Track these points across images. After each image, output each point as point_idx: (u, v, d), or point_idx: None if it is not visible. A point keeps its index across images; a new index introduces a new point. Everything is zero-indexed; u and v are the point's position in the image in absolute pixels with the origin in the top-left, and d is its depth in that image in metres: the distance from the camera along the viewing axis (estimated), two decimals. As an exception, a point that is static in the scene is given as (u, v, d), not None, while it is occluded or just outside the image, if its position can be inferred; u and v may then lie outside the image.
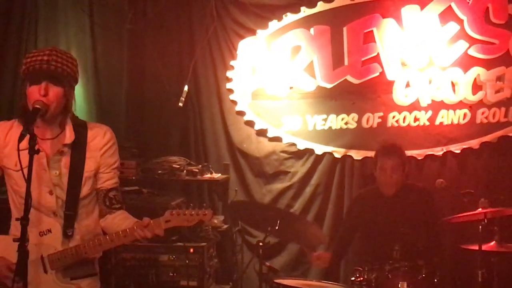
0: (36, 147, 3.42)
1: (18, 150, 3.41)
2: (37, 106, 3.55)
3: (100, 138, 3.83)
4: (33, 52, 3.69)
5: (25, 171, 3.39)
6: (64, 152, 3.74)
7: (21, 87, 3.75)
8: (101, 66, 7.21)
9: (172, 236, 5.98)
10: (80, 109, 6.94)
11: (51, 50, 3.66)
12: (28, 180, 3.35)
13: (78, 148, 3.76)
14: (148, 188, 6.52)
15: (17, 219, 3.41)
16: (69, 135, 3.74)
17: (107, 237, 3.67)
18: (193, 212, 3.61)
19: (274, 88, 6.80)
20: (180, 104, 6.88)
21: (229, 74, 6.92)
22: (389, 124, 6.60)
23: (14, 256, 3.39)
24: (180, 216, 3.61)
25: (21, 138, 3.39)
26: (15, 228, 3.72)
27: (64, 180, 3.73)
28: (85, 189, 3.77)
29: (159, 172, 6.56)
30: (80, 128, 3.81)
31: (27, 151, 3.38)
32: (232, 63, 6.91)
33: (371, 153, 6.32)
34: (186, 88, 6.89)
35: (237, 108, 6.93)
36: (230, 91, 6.93)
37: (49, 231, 3.69)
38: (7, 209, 3.85)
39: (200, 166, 6.73)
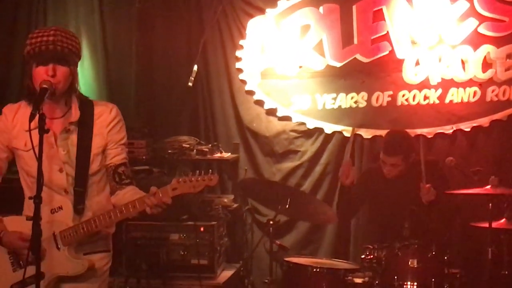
0: (45, 127, 3.46)
1: (30, 129, 3.44)
2: (45, 86, 3.58)
3: (106, 115, 3.86)
4: (36, 32, 3.71)
5: (36, 149, 3.43)
6: (71, 130, 3.79)
7: (25, 67, 3.77)
8: (111, 46, 7.22)
9: (182, 215, 6.01)
10: (90, 89, 6.99)
11: (55, 30, 3.68)
12: (39, 159, 3.39)
13: (85, 126, 3.81)
14: (158, 167, 6.54)
15: (30, 198, 3.45)
16: (74, 113, 3.79)
17: (117, 209, 3.69)
18: (199, 178, 3.59)
19: (283, 67, 6.79)
20: (190, 84, 6.88)
21: (238, 53, 6.92)
22: (398, 103, 6.59)
23: (28, 233, 3.45)
24: (186, 183, 3.59)
25: (31, 118, 3.43)
26: (28, 208, 3.78)
27: (73, 157, 3.77)
28: (94, 166, 3.81)
29: (169, 151, 6.58)
30: (87, 106, 3.85)
31: (36, 130, 3.44)
32: (241, 42, 6.90)
33: (381, 132, 6.35)
34: (195, 67, 6.89)
35: (247, 87, 6.92)
36: (240, 70, 6.93)
37: (60, 208, 3.73)
38: (19, 188, 3.89)
39: (210, 145, 6.75)
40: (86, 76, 7.01)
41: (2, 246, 3.77)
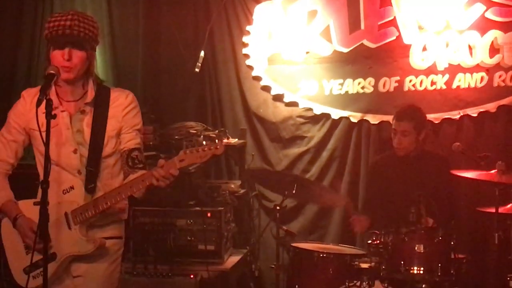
0: (57, 111, 3.60)
1: (37, 115, 3.50)
2: (52, 71, 3.64)
3: (122, 100, 3.95)
4: (55, 16, 3.77)
5: (55, 129, 3.67)
6: (86, 111, 3.86)
7: (45, 51, 3.84)
8: (117, 32, 7.22)
9: (189, 200, 6.03)
10: (97, 75, 6.97)
11: (73, 14, 3.74)
12: (47, 144, 3.44)
13: (101, 108, 3.88)
14: (165, 153, 6.51)
15: (36, 182, 3.50)
16: (90, 94, 3.87)
17: (126, 184, 3.75)
18: (205, 148, 3.64)
19: (290, 53, 6.78)
20: (197, 70, 6.88)
21: (245, 39, 6.91)
22: (406, 88, 6.58)
23: (37, 219, 3.49)
24: (193, 153, 3.64)
25: (38, 103, 3.49)
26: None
27: (87, 138, 3.85)
28: (108, 148, 3.87)
29: (176, 137, 6.58)
30: (103, 90, 3.93)
31: (54, 110, 3.54)
32: (248, 28, 6.90)
33: (388, 117, 6.33)
34: (202, 53, 6.89)
35: (253, 73, 6.92)
36: (246, 56, 6.92)
37: (72, 188, 3.80)
38: (35, 174, 3.94)
39: (217, 131, 6.74)
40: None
41: (15, 229, 3.82)
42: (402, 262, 4.91)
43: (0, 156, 3.95)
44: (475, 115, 6.45)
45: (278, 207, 5.56)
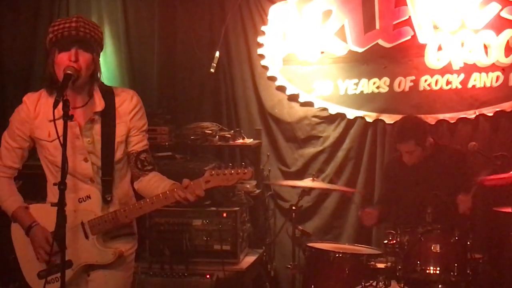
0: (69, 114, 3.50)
1: (54, 118, 3.46)
2: (69, 72, 3.60)
3: (128, 103, 3.87)
4: (59, 21, 3.74)
5: (61, 139, 3.47)
6: (95, 120, 3.80)
7: (47, 55, 3.78)
8: (133, 34, 7.24)
9: (205, 201, 6.04)
10: (113, 76, 7.03)
11: (77, 17, 3.71)
12: (64, 146, 3.42)
13: (108, 115, 3.82)
14: (181, 153, 6.58)
15: (54, 184, 3.48)
16: (99, 103, 3.79)
17: (148, 200, 3.73)
18: (232, 171, 3.65)
19: (305, 53, 6.79)
20: (212, 70, 6.89)
21: (260, 39, 6.92)
22: (421, 88, 6.57)
23: (53, 224, 3.43)
24: (219, 176, 3.64)
25: (55, 104, 3.46)
26: (52, 195, 3.78)
27: (98, 147, 3.79)
28: (118, 154, 3.83)
29: (192, 137, 6.60)
30: (108, 95, 3.85)
31: (58, 121, 3.46)
32: (263, 28, 6.90)
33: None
34: (217, 54, 6.90)
35: (269, 73, 6.93)
36: (261, 56, 6.93)
37: (88, 197, 3.77)
38: (41, 175, 3.92)
39: (232, 131, 6.77)
40: (108, 64, 7.04)
41: (27, 237, 3.81)
42: (418, 262, 4.93)
43: (5, 162, 3.92)
44: (490, 114, 6.43)
45: (293, 207, 5.57)
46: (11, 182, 3.98)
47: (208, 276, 5.76)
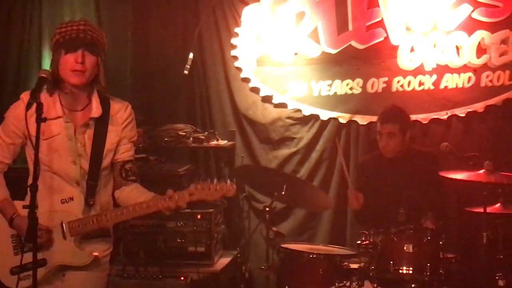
0: (59, 120, 3.76)
1: (26, 118, 3.56)
2: (43, 75, 3.66)
3: (122, 113, 3.98)
4: (66, 23, 3.83)
5: (58, 138, 3.76)
6: (89, 124, 3.88)
7: (53, 56, 3.84)
8: (107, 35, 7.19)
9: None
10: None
11: (85, 21, 3.82)
12: (36, 148, 3.48)
13: (102, 122, 3.90)
14: (155, 155, 6.57)
15: (28, 186, 3.53)
16: (96, 109, 3.88)
17: (130, 207, 3.78)
18: (217, 187, 3.70)
19: (278, 55, 6.80)
20: (186, 72, 6.88)
21: (233, 41, 6.93)
22: (394, 89, 6.60)
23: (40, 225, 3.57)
24: (204, 190, 3.70)
25: (28, 107, 3.53)
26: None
27: (88, 151, 3.86)
28: (106, 161, 3.91)
29: (166, 139, 6.60)
30: (104, 102, 3.94)
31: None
32: (236, 30, 6.91)
33: (376, 118, 6.30)
34: (191, 55, 6.90)
35: (242, 75, 6.93)
36: (235, 58, 6.94)
37: (71, 199, 3.82)
38: (25, 178, 3.90)
39: (206, 133, 6.78)
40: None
41: (12, 228, 3.83)
42: (391, 262, 4.95)
43: None
44: (463, 115, 6.48)
45: (267, 208, 5.57)
46: (1, 175, 3.99)
47: (182, 278, 5.77)
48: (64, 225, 3.79)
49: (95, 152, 3.86)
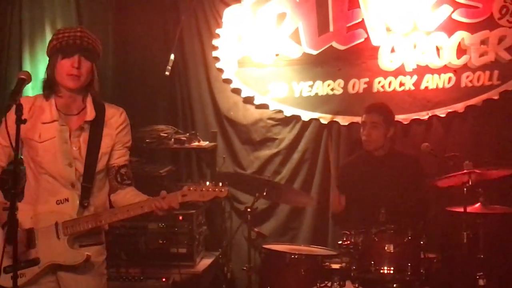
0: (55, 124, 3.86)
1: (6, 121, 3.66)
2: (23, 76, 3.68)
3: (117, 118, 4.09)
4: (63, 29, 3.96)
5: (53, 141, 3.85)
6: (84, 128, 3.96)
7: (49, 61, 3.94)
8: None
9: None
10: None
11: (81, 28, 3.94)
12: (16, 149, 3.49)
13: (97, 125, 4.00)
14: (137, 157, 6.53)
15: (8, 188, 3.58)
16: (90, 113, 3.97)
17: (123, 208, 3.90)
18: (210, 189, 3.79)
19: (260, 56, 6.81)
20: (167, 73, 6.85)
21: (215, 42, 6.93)
22: (374, 90, 6.63)
23: (28, 222, 3.82)
24: (197, 192, 3.79)
25: (7, 109, 3.61)
26: (30, 196, 3.95)
27: (83, 154, 3.94)
28: (100, 164, 3.98)
29: (147, 140, 6.59)
30: (100, 108, 4.05)
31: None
32: (217, 31, 6.91)
33: (357, 119, 6.36)
34: (172, 56, 6.88)
35: (224, 76, 6.94)
36: (216, 59, 6.94)
37: (66, 200, 3.89)
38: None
39: (188, 134, 6.77)
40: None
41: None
42: (372, 262, 4.98)
43: None
44: (443, 115, 6.52)
45: (249, 209, 5.58)
46: None
47: (164, 279, 5.76)
48: (58, 224, 3.85)
49: (90, 155, 3.94)
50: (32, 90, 5.61)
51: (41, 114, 3.88)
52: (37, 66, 6.82)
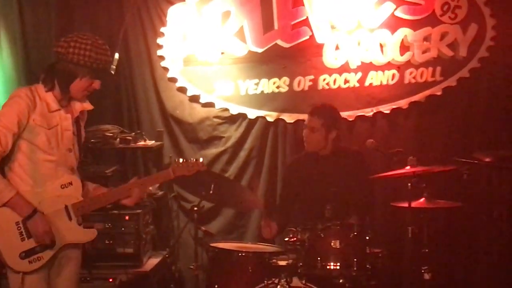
0: (59, 113, 4.18)
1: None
2: None
3: (85, 112, 4.49)
4: (102, 48, 4.24)
5: (57, 128, 4.15)
6: (79, 117, 4.38)
7: (75, 68, 4.21)
8: (30, 36, 7.08)
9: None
10: (10, 79, 6.85)
11: (106, 47, 4.28)
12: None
13: (81, 115, 4.42)
14: (82, 157, 6.48)
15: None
16: (87, 104, 4.42)
17: (125, 186, 4.44)
18: (193, 163, 4.50)
19: (205, 54, 6.81)
20: (112, 72, 6.80)
21: (159, 41, 6.90)
22: (320, 87, 6.68)
23: (38, 208, 4.09)
24: (183, 166, 4.46)
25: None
26: (21, 180, 4.13)
27: (77, 140, 4.35)
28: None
29: (92, 140, 6.51)
30: None
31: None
32: (162, 29, 6.88)
33: (303, 116, 6.36)
34: (116, 55, 6.78)
35: (169, 75, 6.91)
36: (161, 58, 6.91)
37: (70, 183, 4.23)
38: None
39: (134, 133, 6.73)
40: (5, 66, 6.86)
41: (28, 222, 4.07)
42: (319, 258, 4.98)
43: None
44: (387, 111, 6.59)
45: (195, 208, 5.56)
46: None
47: (111, 280, 5.73)
48: (68, 207, 4.17)
49: (80, 141, 4.37)
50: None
51: (49, 102, 4.15)
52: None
